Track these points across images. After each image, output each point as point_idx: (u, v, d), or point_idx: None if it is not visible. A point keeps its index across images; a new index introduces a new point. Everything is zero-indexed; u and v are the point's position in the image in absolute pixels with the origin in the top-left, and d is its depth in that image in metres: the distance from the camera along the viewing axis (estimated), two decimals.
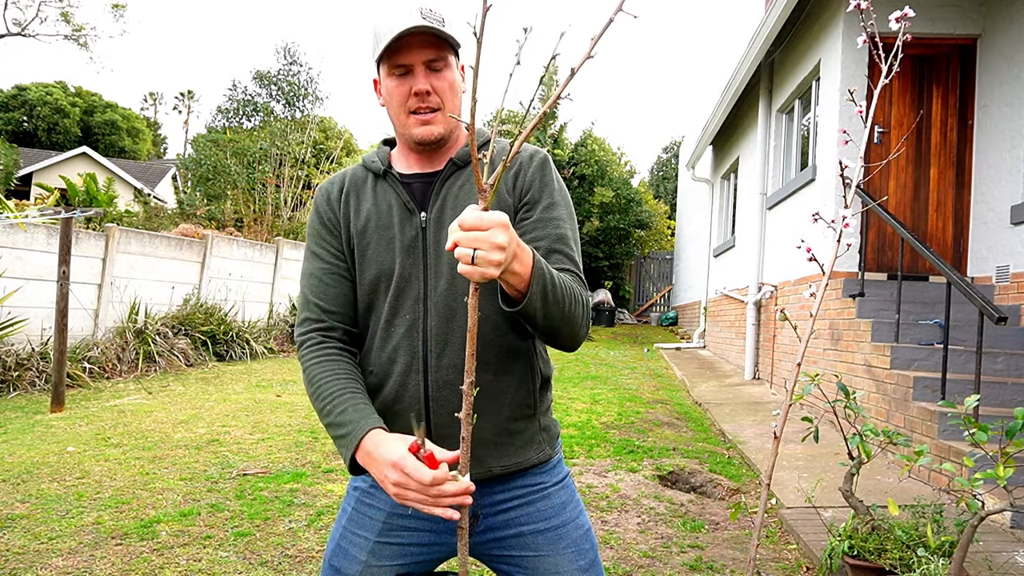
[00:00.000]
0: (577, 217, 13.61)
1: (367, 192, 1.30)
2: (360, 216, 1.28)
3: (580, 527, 1.29)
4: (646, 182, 26.95)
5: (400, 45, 1.18)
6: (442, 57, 1.20)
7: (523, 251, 0.99)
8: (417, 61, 1.19)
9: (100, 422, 4.98)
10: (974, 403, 2.26)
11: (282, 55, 16.37)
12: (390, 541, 1.25)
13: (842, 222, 1.26)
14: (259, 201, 13.94)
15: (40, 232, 6.91)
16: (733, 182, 10.20)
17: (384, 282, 1.25)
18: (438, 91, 1.21)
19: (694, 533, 3.20)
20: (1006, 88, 5.11)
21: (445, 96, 1.22)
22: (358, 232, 1.27)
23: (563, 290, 1.09)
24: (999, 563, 2.71)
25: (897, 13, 1.32)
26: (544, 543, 1.24)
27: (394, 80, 1.21)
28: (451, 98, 1.23)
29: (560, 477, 1.31)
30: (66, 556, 2.69)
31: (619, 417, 5.47)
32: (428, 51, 1.19)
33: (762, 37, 6.69)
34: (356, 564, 1.25)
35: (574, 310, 1.12)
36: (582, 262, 1.27)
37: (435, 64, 1.20)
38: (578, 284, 1.18)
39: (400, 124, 1.25)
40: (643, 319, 17.07)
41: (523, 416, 1.24)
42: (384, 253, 1.24)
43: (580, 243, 1.30)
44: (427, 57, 1.19)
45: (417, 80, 1.20)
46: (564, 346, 1.19)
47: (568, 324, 1.12)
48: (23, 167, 23.45)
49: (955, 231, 5.61)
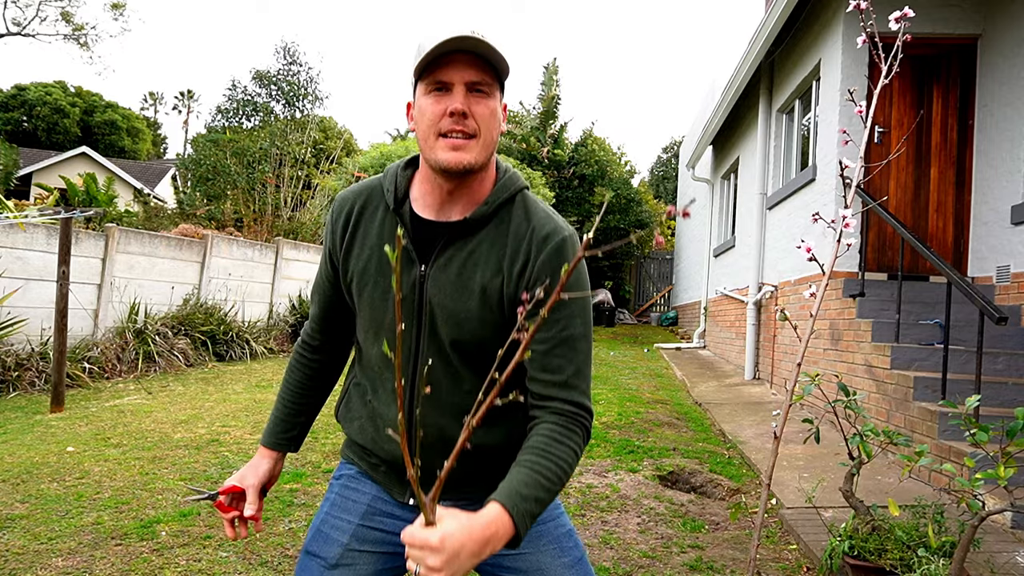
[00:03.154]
0: (577, 217, 13.49)
1: (375, 226, 1.22)
2: (363, 254, 1.22)
3: (562, 526, 1.29)
4: (646, 182, 26.94)
5: (442, 62, 1.08)
6: (487, 82, 1.11)
7: (497, 529, 0.93)
8: (459, 80, 1.09)
9: (100, 422, 4.98)
10: (975, 403, 2.26)
11: (282, 55, 16.37)
12: (373, 526, 1.26)
13: (842, 222, 1.26)
14: (259, 201, 13.93)
15: (40, 232, 6.91)
16: (733, 182, 10.20)
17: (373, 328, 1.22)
18: (477, 116, 1.10)
19: (694, 533, 3.20)
20: (1006, 88, 5.11)
21: (484, 123, 1.11)
22: (358, 272, 1.23)
23: (553, 484, 1.03)
24: (1000, 563, 2.71)
25: (897, 13, 1.32)
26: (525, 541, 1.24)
27: (430, 98, 1.11)
28: (490, 128, 1.12)
29: None
30: (66, 556, 2.69)
31: (619, 417, 5.47)
32: (472, 71, 1.09)
33: (762, 37, 6.69)
34: (336, 547, 1.25)
35: (566, 478, 1.07)
36: (591, 357, 1.17)
37: (479, 86, 1.10)
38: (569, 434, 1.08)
39: (427, 147, 1.13)
40: (643, 319, 17.07)
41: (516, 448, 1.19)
42: (379, 301, 1.20)
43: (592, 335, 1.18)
44: (471, 78, 1.10)
45: (454, 99, 1.09)
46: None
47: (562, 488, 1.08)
48: (23, 167, 23.45)
49: (955, 231, 5.60)
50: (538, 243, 1.14)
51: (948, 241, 5.62)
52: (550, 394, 1.11)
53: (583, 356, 1.14)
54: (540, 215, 1.18)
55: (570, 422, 1.10)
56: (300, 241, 12.07)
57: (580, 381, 1.13)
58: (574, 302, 1.13)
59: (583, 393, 1.13)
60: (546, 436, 1.07)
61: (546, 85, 16.54)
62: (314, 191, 14.79)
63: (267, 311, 10.44)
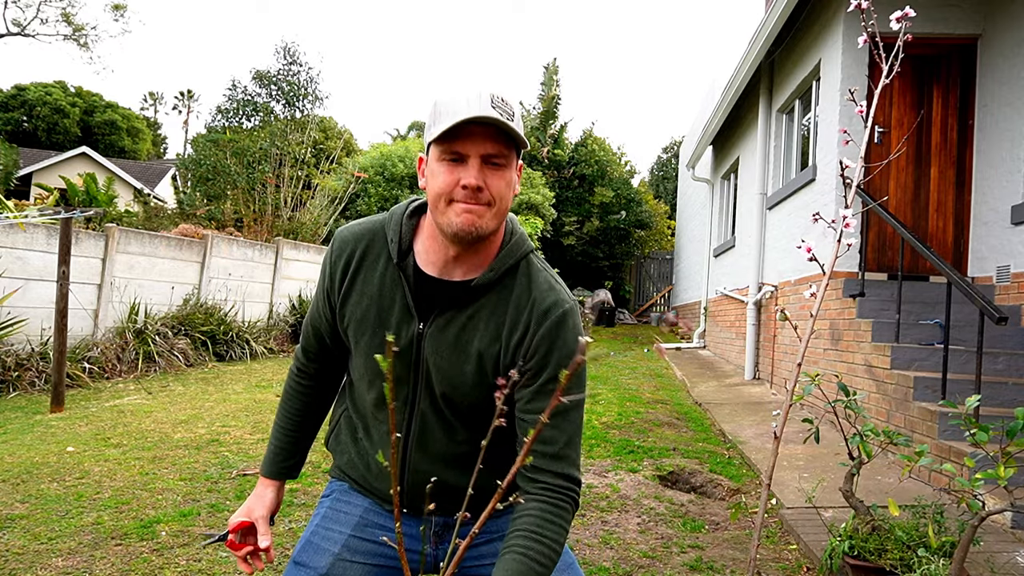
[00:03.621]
0: (577, 217, 13.50)
1: (375, 276, 1.20)
2: (362, 302, 1.20)
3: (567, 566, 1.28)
4: (646, 182, 26.95)
5: (460, 132, 1.06)
6: (503, 154, 1.09)
7: None
8: (475, 153, 1.07)
9: (100, 422, 4.98)
10: (975, 403, 2.26)
11: (282, 55, 16.36)
12: (364, 537, 1.26)
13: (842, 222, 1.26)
14: (259, 201, 13.93)
15: (40, 232, 6.91)
16: (733, 182, 10.20)
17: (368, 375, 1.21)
18: (492, 189, 1.09)
19: (694, 533, 3.20)
20: (1006, 88, 5.11)
21: (500, 194, 1.10)
22: (356, 319, 1.21)
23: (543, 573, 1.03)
24: (1000, 563, 2.71)
25: (898, 13, 1.32)
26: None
27: (443, 165, 1.09)
28: (503, 196, 1.11)
29: None
30: (66, 556, 2.69)
31: (619, 417, 5.47)
32: (489, 144, 1.07)
33: (762, 37, 6.68)
34: (326, 556, 1.24)
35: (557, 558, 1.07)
36: (582, 424, 1.16)
37: (495, 159, 1.09)
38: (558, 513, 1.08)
39: (438, 211, 1.11)
40: (643, 319, 17.07)
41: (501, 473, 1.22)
42: (377, 350, 1.18)
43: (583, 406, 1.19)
44: (487, 151, 1.08)
45: (469, 172, 1.07)
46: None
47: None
48: (23, 167, 23.44)
49: (955, 231, 5.60)
50: (538, 316, 1.13)
51: (948, 241, 5.62)
52: (541, 465, 1.10)
53: (575, 426, 1.13)
54: (543, 286, 1.17)
55: (561, 499, 1.10)
56: (300, 241, 12.07)
57: (571, 451, 1.12)
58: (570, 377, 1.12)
59: (573, 464, 1.12)
60: (537, 517, 1.07)
61: (546, 85, 16.54)
62: (314, 191, 14.79)
63: (267, 311, 10.44)
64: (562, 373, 1.06)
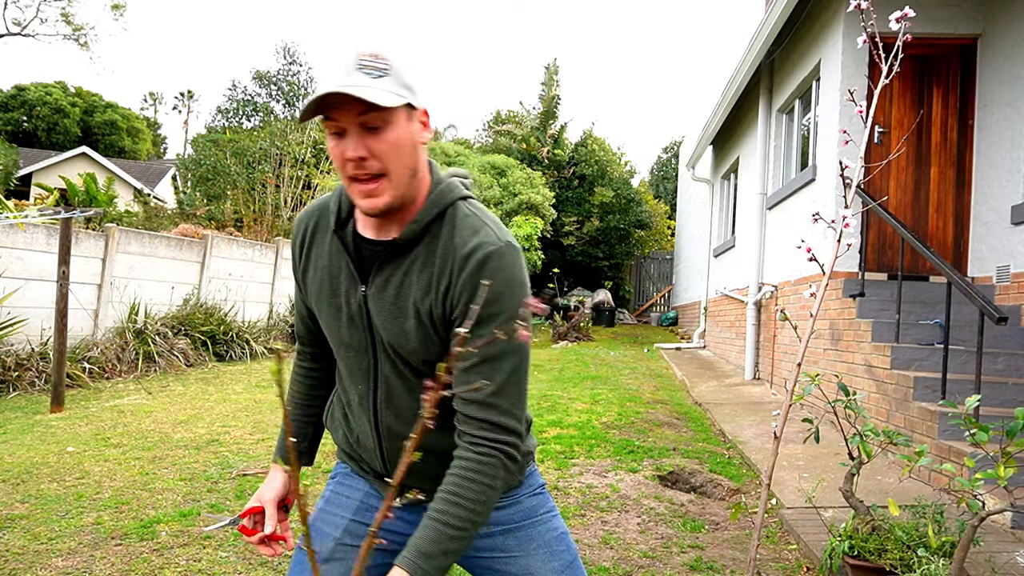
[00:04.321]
0: (577, 217, 13.48)
1: (325, 247, 1.22)
2: (316, 276, 1.23)
3: (553, 529, 1.29)
4: (646, 182, 26.94)
5: (329, 101, 1.01)
6: (380, 113, 1.02)
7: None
8: (350, 123, 1.02)
9: (100, 422, 4.98)
10: (975, 403, 2.26)
11: (282, 55, 16.39)
12: (364, 522, 1.28)
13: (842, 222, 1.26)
14: (259, 201, 13.93)
15: (40, 232, 6.91)
16: (733, 182, 10.20)
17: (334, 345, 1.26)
18: (378, 154, 1.04)
19: (694, 533, 3.20)
20: (1006, 88, 5.11)
21: (388, 159, 1.05)
22: (314, 292, 1.23)
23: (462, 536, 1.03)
24: (1000, 563, 2.71)
25: (897, 13, 1.32)
26: (514, 544, 1.25)
27: (331, 140, 1.06)
28: (397, 160, 1.06)
29: (531, 488, 1.31)
30: (66, 556, 2.69)
31: (619, 417, 5.47)
32: (361, 107, 1.01)
33: (762, 37, 6.69)
34: (328, 541, 1.26)
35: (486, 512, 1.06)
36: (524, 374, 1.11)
37: (370, 122, 1.02)
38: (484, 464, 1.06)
39: (346, 187, 1.10)
40: (643, 319, 17.06)
41: None
42: (333, 321, 1.20)
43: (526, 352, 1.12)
44: (361, 119, 1.02)
45: (348, 144, 1.03)
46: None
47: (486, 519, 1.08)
48: (23, 167, 23.44)
49: (955, 231, 5.60)
50: (460, 261, 1.09)
51: (948, 241, 5.62)
52: (467, 412, 1.08)
53: (506, 375, 1.07)
54: (466, 231, 1.12)
55: (486, 452, 1.06)
56: None
57: (501, 400, 1.07)
58: (498, 317, 1.06)
59: (504, 412, 1.07)
60: (458, 476, 1.06)
61: (546, 85, 16.54)
62: (314, 191, 14.79)
63: (267, 311, 10.44)
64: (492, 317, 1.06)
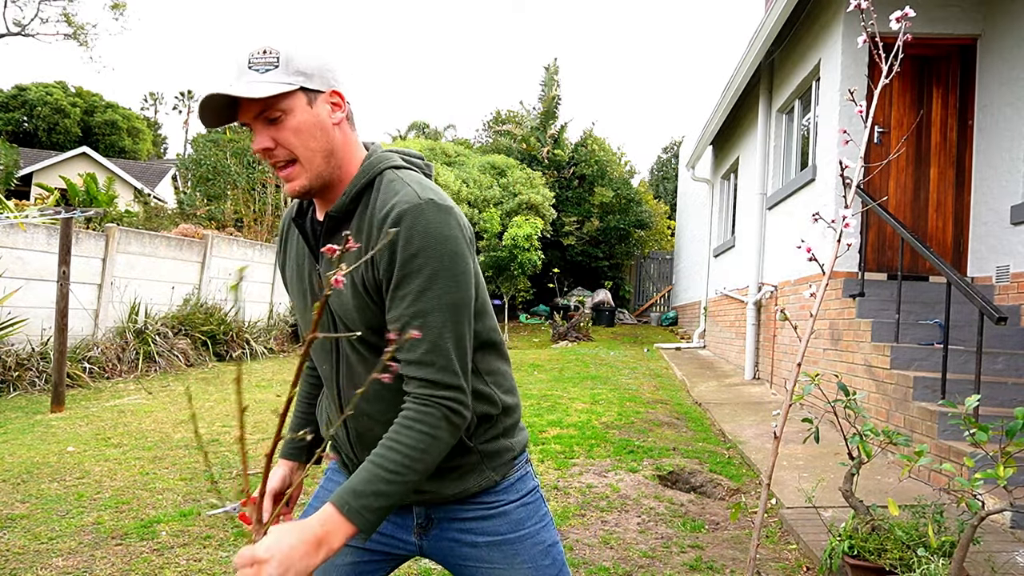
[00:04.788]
0: (577, 217, 13.44)
1: (293, 236, 1.30)
2: (290, 264, 1.30)
3: (540, 543, 1.27)
4: (646, 182, 26.93)
5: (229, 104, 1.08)
6: (272, 106, 1.07)
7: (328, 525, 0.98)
8: (249, 118, 1.09)
9: (100, 422, 4.98)
10: (974, 403, 2.26)
11: None
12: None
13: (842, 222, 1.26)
14: (259, 201, 13.94)
15: (40, 232, 6.91)
16: (733, 182, 10.20)
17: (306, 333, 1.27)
18: (282, 143, 1.09)
19: (694, 533, 3.20)
20: (1006, 88, 5.11)
21: (293, 146, 1.10)
22: (289, 283, 1.31)
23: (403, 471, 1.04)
24: (1000, 563, 2.71)
25: (897, 13, 1.32)
26: (499, 557, 1.24)
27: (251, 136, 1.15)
28: (303, 145, 1.10)
29: (520, 495, 1.28)
30: (66, 556, 2.69)
31: (619, 417, 5.47)
32: (254, 106, 1.07)
33: (762, 37, 6.69)
34: None
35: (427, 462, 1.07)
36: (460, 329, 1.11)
37: (268, 115, 1.08)
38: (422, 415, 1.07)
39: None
40: (643, 319, 17.06)
41: (455, 454, 1.19)
42: (301, 306, 1.27)
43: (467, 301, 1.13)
44: (255, 111, 1.08)
45: (255, 139, 1.10)
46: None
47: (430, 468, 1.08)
48: (23, 167, 23.43)
49: (955, 231, 5.60)
50: (379, 223, 1.12)
51: (948, 241, 5.62)
52: (408, 373, 1.10)
53: (436, 332, 1.08)
54: (387, 194, 1.14)
55: (424, 403, 1.08)
56: None
57: (437, 357, 1.08)
58: (419, 274, 1.08)
59: (441, 369, 1.08)
60: (398, 424, 1.08)
61: (546, 85, 16.53)
62: None
63: (267, 311, 10.44)
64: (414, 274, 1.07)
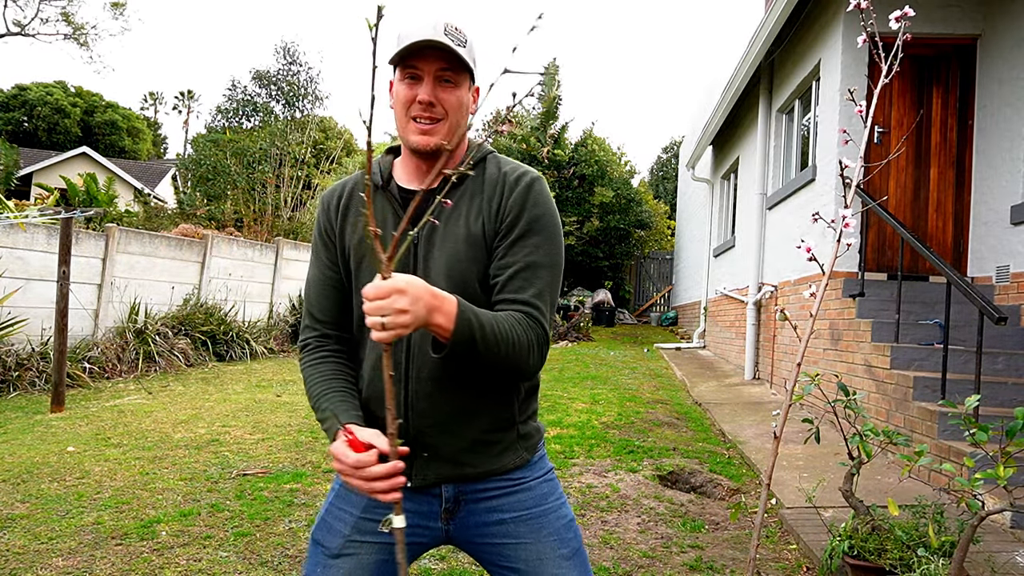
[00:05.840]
0: (577, 217, 13.46)
1: (355, 208, 1.33)
2: (357, 229, 1.32)
3: (563, 517, 1.32)
4: (646, 182, 26.93)
5: (415, 53, 1.20)
6: (455, 71, 1.22)
7: (444, 302, 1.04)
8: (428, 71, 1.21)
9: (100, 422, 4.98)
10: (974, 403, 2.26)
11: (282, 55, 16.37)
12: (373, 518, 1.27)
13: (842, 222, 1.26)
14: (259, 201, 13.94)
15: (40, 232, 6.91)
16: (733, 182, 10.20)
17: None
18: (444, 103, 1.22)
19: (694, 533, 3.20)
20: (1006, 88, 5.11)
21: (451, 109, 1.23)
22: (354, 246, 1.31)
23: (499, 335, 1.12)
24: (999, 563, 2.71)
25: (897, 13, 1.32)
26: (526, 531, 1.28)
27: (404, 84, 1.23)
28: (456, 113, 1.24)
29: (542, 472, 1.34)
30: (66, 556, 2.69)
31: (619, 417, 5.47)
32: (441, 63, 1.20)
33: (762, 37, 6.69)
34: (338, 538, 1.28)
35: (513, 352, 1.15)
36: (556, 291, 1.25)
37: (446, 75, 1.21)
38: (525, 324, 1.17)
39: (401, 127, 1.26)
40: (643, 319, 17.06)
41: (501, 428, 1.28)
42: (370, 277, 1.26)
43: (562, 269, 1.28)
44: (439, 67, 1.21)
45: (424, 88, 1.21)
46: (511, 378, 1.25)
47: (508, 362, 1.16)
48: (23, 167, 23.44)
49: (955, 231, 5.60)
50: (511, 184, 1.26)
51: (948, 241, 5.62)
52: (506, 309, 1.19)
53: (544, 283, 1.22)
54: (511, 164, 1.32)
55: (525, 319, 1.18)
56: (300, 241, 12.06)
57: (539, 302, 1.20)
58: (539, 234, 1.23)
59: (540, 311, 1.19)
60: (505, 315, 1.17)
61: (546, 85, 16.53)
62: (314, 191, 14.80)
63: (267, 311, 10.44)
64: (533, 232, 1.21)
